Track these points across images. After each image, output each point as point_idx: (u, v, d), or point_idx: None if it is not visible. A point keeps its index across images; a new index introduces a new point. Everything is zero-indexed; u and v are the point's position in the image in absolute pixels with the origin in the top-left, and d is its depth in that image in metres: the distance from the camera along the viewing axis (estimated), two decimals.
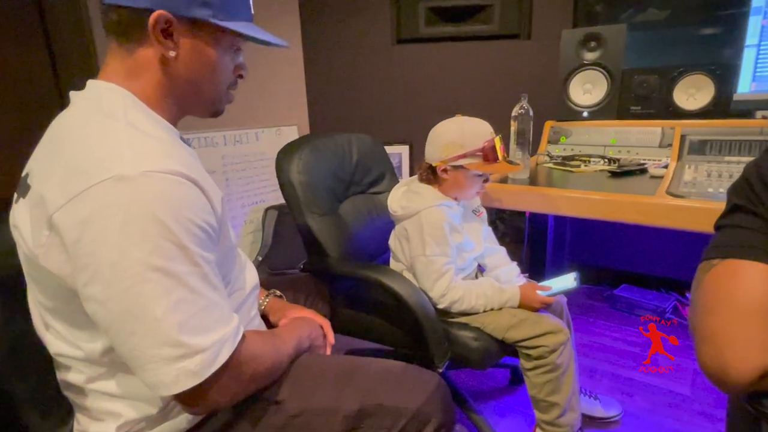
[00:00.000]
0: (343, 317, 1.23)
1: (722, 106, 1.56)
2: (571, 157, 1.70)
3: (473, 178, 1.12)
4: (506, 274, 1.23)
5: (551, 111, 1.82)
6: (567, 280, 1.10)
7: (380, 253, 1.28)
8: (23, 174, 0.62)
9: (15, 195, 0.62)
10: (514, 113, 1.38)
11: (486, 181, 1.15)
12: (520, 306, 1.08)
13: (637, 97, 1.69)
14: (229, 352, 0.57)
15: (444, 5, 2.35)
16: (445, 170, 1.10)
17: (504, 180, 1.43)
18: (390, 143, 2.66)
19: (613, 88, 1.69)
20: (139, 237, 0.50)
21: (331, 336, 0.90)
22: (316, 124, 2.79)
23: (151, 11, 0.57)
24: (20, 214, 0.58)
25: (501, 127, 1.16)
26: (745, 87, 1.53)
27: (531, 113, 1.37)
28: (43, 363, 0.66)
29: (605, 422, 1.30)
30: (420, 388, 0.72)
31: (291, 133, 2.65)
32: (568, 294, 1.14)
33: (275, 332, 0.78)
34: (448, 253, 1.07)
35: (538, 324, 1.04)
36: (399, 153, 2.73)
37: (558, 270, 2.06)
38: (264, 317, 0.89)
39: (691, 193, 1.10)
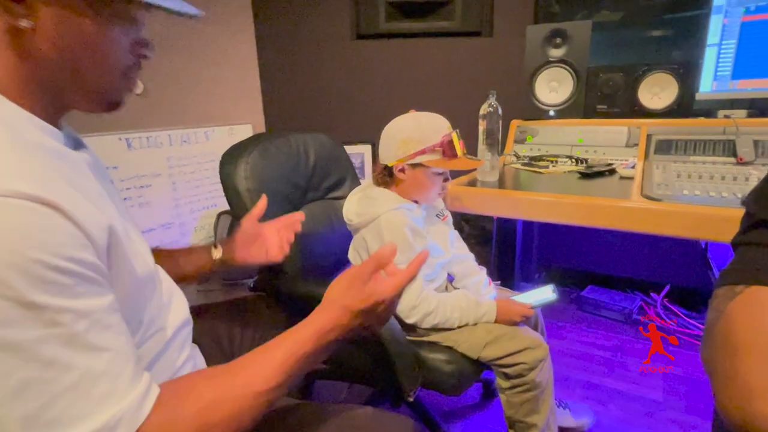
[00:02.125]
0: None
1: (686, 106, 1.55)
2: (539, 158, 1.65)
3: (433, 177, 1.03)
4: (475, 285, 1.14)
5: (515, 110, 1.77)
6: (545, 293, 1.03)
7: (341, 267, 1.16)
8: None
9: None
10: (482, 111, 1.30)
11: (446, 180, 1.07)
12: (497, 321, 0.99)
13: (603, 95, 1.66)
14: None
15: (404, 0, 2.26)
16: (402, 170, 1.01)
17: (473, 183, 1.35)
18: (351, 143, 2.54)
19: (579, 86, 1.65)
20: None
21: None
22: (272, 122, 2.63)
23: None
24: None
25: (464, 126, 1.07)
26: (707, 86, 1.53)
27: (500, 111, 1.30)
28: None
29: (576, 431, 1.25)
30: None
31: (245, 132, 2.48)
32: (547, 306, 1.07)
33: (271, 346, 0.54)
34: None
35: (516, 339, 0.96)
36: (361, 153, 2.61)
37: (526, 273, 2.02)
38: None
39: (666, 195, 1.06)
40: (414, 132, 0.99)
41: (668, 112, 1.56)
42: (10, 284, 0.36)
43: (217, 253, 0.87)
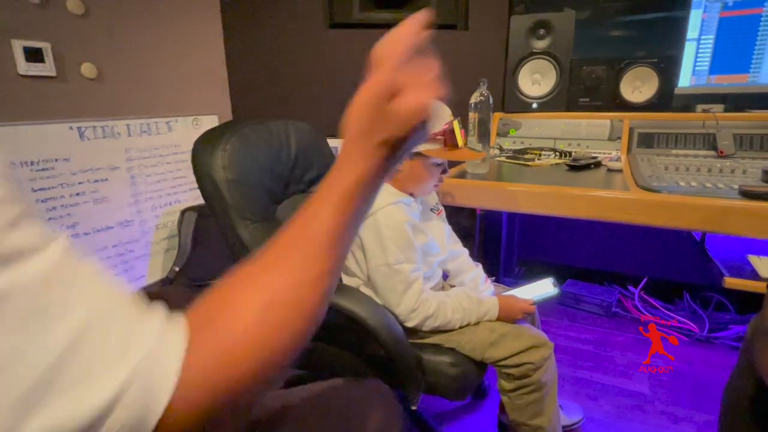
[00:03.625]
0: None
1: (666, 99, 1.56)
2: (524, 151, 1.62)
3: (432, 168, 0.96)
4: (472, 281, 1.09)
5: (495, 103, 1.74)
6: (545, 287, 0.99)
7: None
8: None
9: None
10: (472, 101, 1.24)
11: (444, 172, 1.00)
12: (499, 319, 0.94)
13: (586, 88, 1.65)
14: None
15: None
16: None
17: (462, 175, 1.30)
18: (326, 136, 2.45)
19: (563, 78, 1.63)
20: None
21: None
22: (240, 113, 2.49)
23: None
24: None
25: (460, 111, 1.02)
26: (685, 81, 1.55)
27: (491, 100, 1.25)
28: None
29: (569, 429, 1.23)
30: (373, 398, 0.57)
31: (210, 123, 2.33)
32: (548, 302, 1.03)
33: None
34: (414, 258, 0.90)
35: (521, 338, 0.91)
36: (335, 147, 2.51)
37: (508, 268, 2.00)
38: None
39: (662, 186, 1.04)
40: None
41: (649, 106, 1.57)
42: None
43: None
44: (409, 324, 0.90)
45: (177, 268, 2.07)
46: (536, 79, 1.69)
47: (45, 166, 1.66)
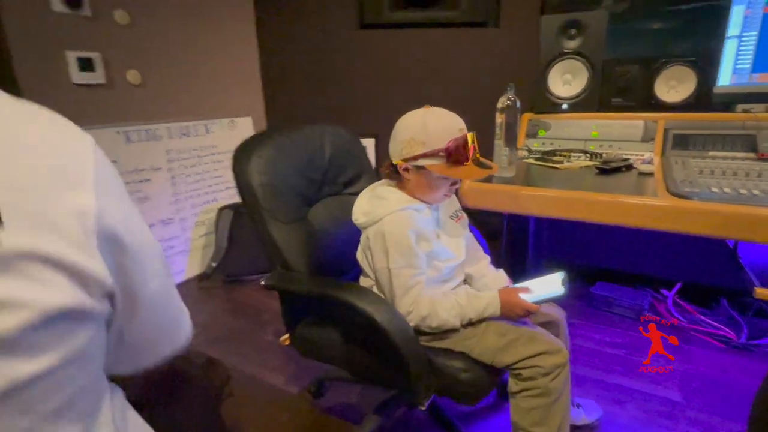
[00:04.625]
0: (310, 340, 1.07)
1: (704, 99, 1.51)
2: (552, 152, 1.61)
3: (438, 180, 0.96)
4: (493, 282, 1.10)
5: (525, 103, 1.72)
6: (553, 283, 0.95)
7: (354, 265, 1.12)
8: None
9: None
10: (500, 105, 1.25)
11: (454, 184, 0.99)
12: (503, 314, 0.94)
13: (619, 88, 1.62)
14: None
15: None
16: (406, 170, 0.95)
17: (488, 179, 1.31)
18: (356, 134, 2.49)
19: (594, 78, 1.61)
20: None
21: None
22: (273, 114, 2.57)
23: None
24: None
25: (472, 119, 1.01)
26: (725, 79, 1.49)
27: (518, 105, 1.25)
28: None
29: (589, 428, 1.23)
30: None
31: (245, 124, 2.42)
32: (557, 301, 1.00)
33: None
34: (415, 264, 0.92)
35: (533, 343, 0.91)
36: (364, 146, 2.56)
37: (536, 269, 1.99)
38: None
39: (694, 193, 1.02)
40: (419, 133, 0.93)
41: (685, 106, 1.53)
42: None
43: None
44: (411, 324, 0.92)
45: (214, 264, 2.18)
46: (567, 80, 1.67)
47: None
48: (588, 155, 1.54)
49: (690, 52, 1.52)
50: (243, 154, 1.04)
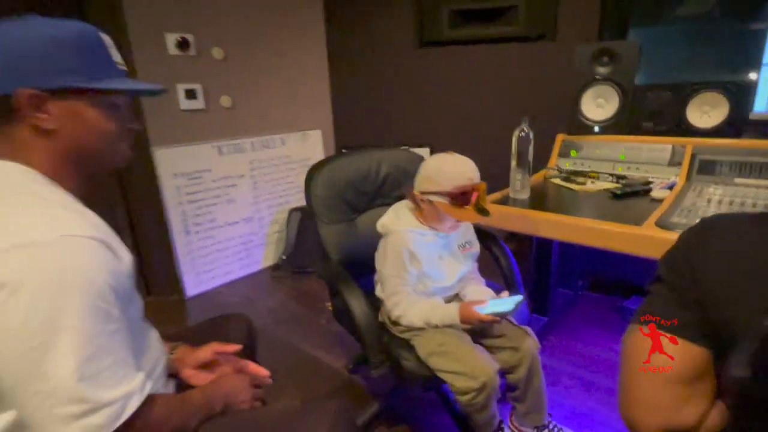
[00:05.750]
0: (336, 310, 1.39)
1: (737, 125, 1.53)
2: (580, 173, 1.72)
3: (444, 214, 1.15)
4: (472, 295, 1.25)
5: (563, 123, 1.83)
6: (507, 303, 1.09)
7: None
8: None
9: None
10: (515, 136, 1.42)
11: (459, 220, 1.18)
12: (462, 321, 1.10)
13: (650, 113, 1.68)
14: (135, 406, 0.61)
15: (467, 8, 2.33)
16: (422, 200, 1.17)
17: (505, 199, 1.49)
18: (412, 145, 2.72)
19: (625, 103, 1.68)
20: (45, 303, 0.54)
21: (261, 371, 0.90)
22: (340, 126, 2.89)
23: (13, 92, 0.60)
24: None
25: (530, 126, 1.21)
26: (761, 106, 1.50)
27: (531, 136, 1.41)
28: None
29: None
30: (316, 423, 0.75)
31: (315, 137, 2.77)
32: (507, 315, 1.14)
33: (185, 396, 0.76)
34: (403, 276, 1.14)
35: (458, 362, 1.07)
36: (420, 156, 2.79)
37: (566, 280, 2.09)
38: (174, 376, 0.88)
39: (679, 224, 1.12)
40: (434, 173, 1.14)
41: (717, 132, 1.55)
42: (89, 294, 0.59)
43: (171, 355, 0.90)
44: (392, 317, 1.16)
45: (284, 257, 2.57)
46: (600, 103, 1.76)
47: (195, 176, 2.23)
48: (613, 177, 1.63)
49: (723, 78, 1.54)
50: (312, 173, 1.36)
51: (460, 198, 1.11)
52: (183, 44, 2.10)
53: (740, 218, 0.57)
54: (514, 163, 1.45)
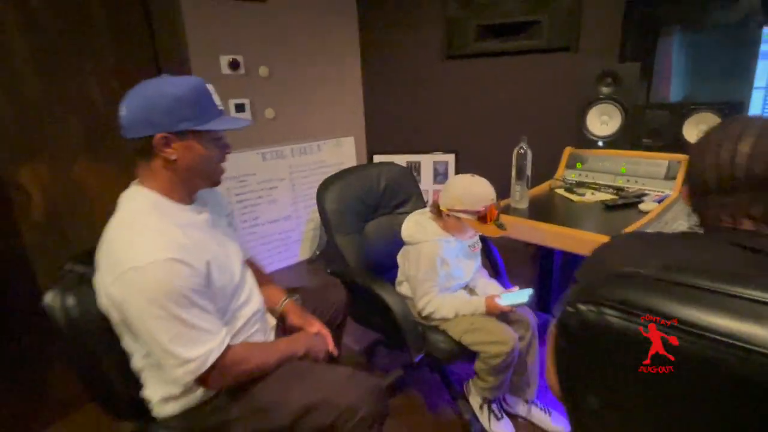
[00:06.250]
0: (358, 311, 1.60)
1: None
2: (583, 184, 1.88)
3: (467, 227, 1.40)
4: (483, 288, 1.53)
5: (572, 134, 1.98)
6: (522, 296, 1.35)
7: (392, 266, 1.61)
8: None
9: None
10: (514, 154, 1.61)
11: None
12: (487, 311, 1.36)
13: (650, 130, 1.81)
14: (215, 358, 0.91)
15: (492, 22, 2.48)
16: (448, 215, 1.39)
17: (506, 208, 1.68)
18: (438, 151, 2.94)
19: (627, 121, 1.83)
20: (149, 306, 0.85)
21: (331, 345, 1.19)
22: (372, 134, 3.13)
23: (152, 136, 0.89)
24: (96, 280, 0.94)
25: (543, 139, 1.43)
26: None
27: (530, 154, 1.60)
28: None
29: None
30: (357, 389, 1.01)
31: (348, 143, 3.04)
32: (522, 306, 1.38)
33: (272, 342, 1.10)
34: (434, 279, 1.38)
35: (488, 333, 1.33)
36: (446, 161, 2.99)
37: (567, 281, 2.24)
38: (282, 318, 1.24)
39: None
40: (464, 195, 1.35)
41: None
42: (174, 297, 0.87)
43: (280, 307, 1.24)
44: (423, 314, 1.39)
45: (318, 252, 2.86)
46: (604, 120, 1.91)
47: (242, 180, 2.55)
48: (613, 189, 1.78)
49: (718, 99, 1.65)
50: (323, 187, 1.60)
51: (484, 216, 1.34)
52: (234, 65, 2.41)
53: (635, 237, 0.77)
54: (514, 176, 1.64)
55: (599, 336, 0.58)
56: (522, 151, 1.60)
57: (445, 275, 1.40)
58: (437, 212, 1.42)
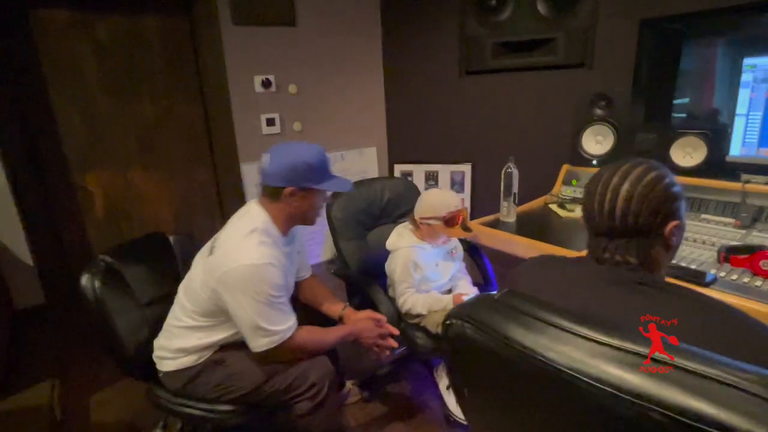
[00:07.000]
0: (357, 308, 1.82)
1: (714, 166, 1.72)
2: (576, 200, 2.00)
3: (438, 233, 1.59)
4: (460, 289, 1.68)
5: (568, 155, 2.10)
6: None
7: None
8: (215, 237, 1.29)
9: (210, 243, 1.28)
10: (503, 172, 1.77)
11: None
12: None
13: (640, 151, 1.90)
14: (290, 333, 1.22)
15: (508, 40, 2.61)
16: (421, 223, 1.59)
17: (495, 222, 1.84)
18: (455, 162, 3.10)
19: (619, 142, 1.93)
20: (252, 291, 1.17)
21: (390, 328, 1.45)
22: (393, 144, 3.34)
23: (285, 187, 1.22)
24: (202, 261, 1.27)
25: (551, 151, 1.60)
26: (736, 150, 1.68)
27: (516, 172, 1.76)
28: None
29: None
30: (310, 362, 1.30)
31: (371, 153, 3.26)
32: None
33: (330, 329, 1.38)
34: (409, 281, 1.58)
35: None
36: (462, 171, 3.15)
37: None
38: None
39: None
40: (432, 204, 1.57)
41: (696, 171, 1.75)
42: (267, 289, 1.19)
43: (341, 313, 1.53)
44: (403, 311, 1.59)
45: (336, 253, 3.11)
46: (599, 140, 2.02)
47: None
48: None
49: (704, 125, 1.73)
50: (331, 202, 1.83)
51: (450, 221, 1.54)
52: (266, 83, 2.70)
53: (540, 260, 0.93)
54: (502, 193, 1.80)
55: (464, 344, 0.74)
56: (509, 170, 1.76)
57: (420, 278, 1.59)
58: (414, 223, 1.62)
